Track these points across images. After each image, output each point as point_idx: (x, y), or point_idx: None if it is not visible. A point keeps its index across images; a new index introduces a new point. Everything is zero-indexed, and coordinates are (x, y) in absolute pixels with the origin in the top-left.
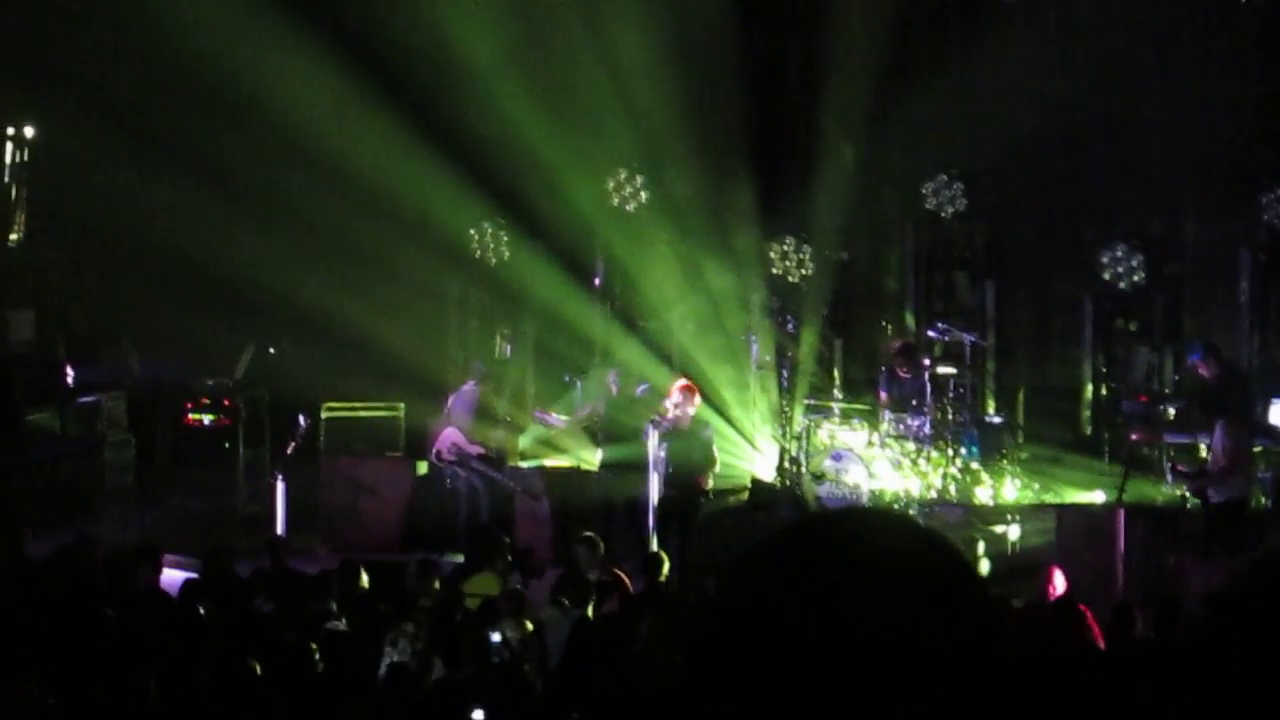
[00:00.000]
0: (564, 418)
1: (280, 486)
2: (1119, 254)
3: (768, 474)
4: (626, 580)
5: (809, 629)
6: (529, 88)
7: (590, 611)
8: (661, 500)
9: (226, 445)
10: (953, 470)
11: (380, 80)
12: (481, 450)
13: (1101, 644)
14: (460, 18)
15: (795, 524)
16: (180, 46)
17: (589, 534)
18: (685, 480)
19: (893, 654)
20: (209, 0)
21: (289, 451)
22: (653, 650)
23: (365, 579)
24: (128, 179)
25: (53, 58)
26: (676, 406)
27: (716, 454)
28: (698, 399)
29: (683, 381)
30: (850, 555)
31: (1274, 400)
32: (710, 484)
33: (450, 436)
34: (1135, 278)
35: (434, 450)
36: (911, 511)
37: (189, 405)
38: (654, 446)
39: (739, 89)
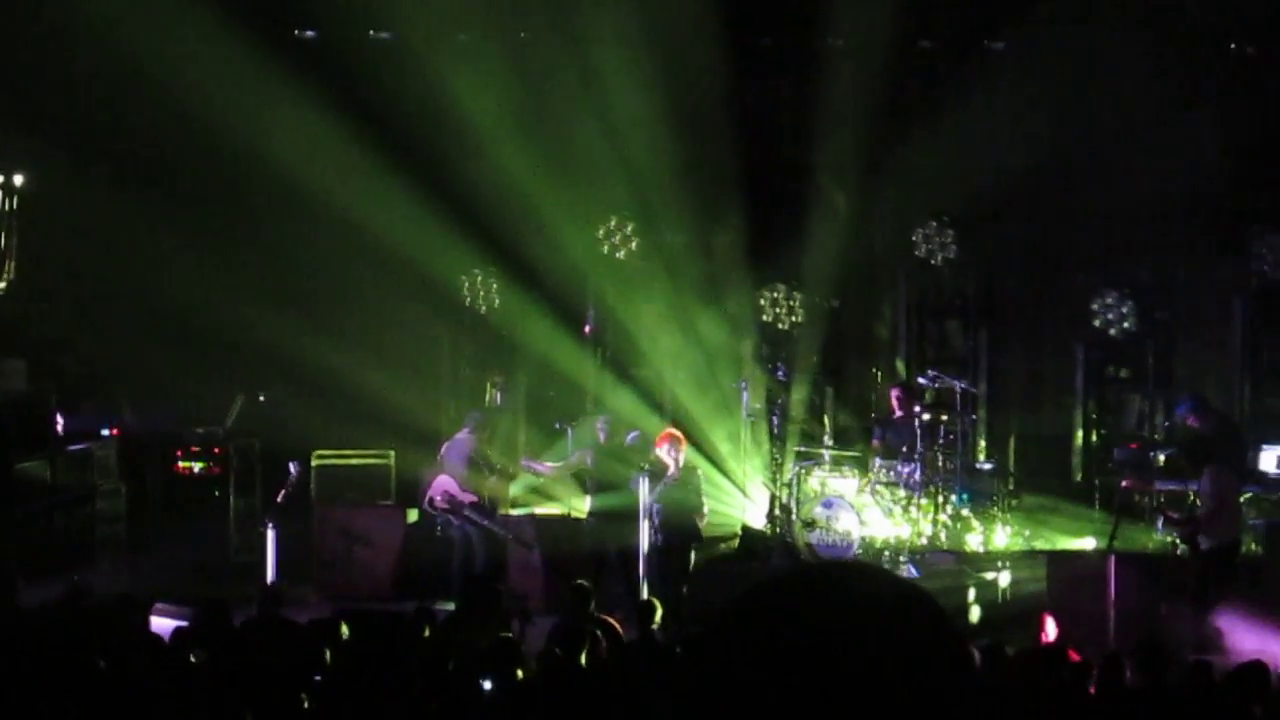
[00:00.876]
0: (551, 465)
1: (271, 535)
2: (1110, 301)
3: (759, 521)
4: (619, 628)
5: (793, 676)
6: (520, 136)
7: (583, 659)
8: (655, 548)
9: (217, 494)
10: (944, 517)
11: (372, 129)
12: (474, 499)
13: (1092, 691)
14: (454, 70)
15: (778, 577)
16: (172, 96)
17: (580, 582)
18: (679, 527)
19: (874, 699)
20: (201, 51)
21: (280, 500)
22: (645, 698)
23: (345, 630)
24: (118, 227)
25: (44, 105)
26: (669, 456)
27: (705, 499)
28: (685, 445)
29: (667, 430)
30: (832, 607)
31: (1264, 447)
32: (703, 527)
33: (443, 484)
34: (1126, 325)
35: (426, 498)
36: (902, 559)
37: (180, 454)
38: (644, 495)
39: (730, 136)
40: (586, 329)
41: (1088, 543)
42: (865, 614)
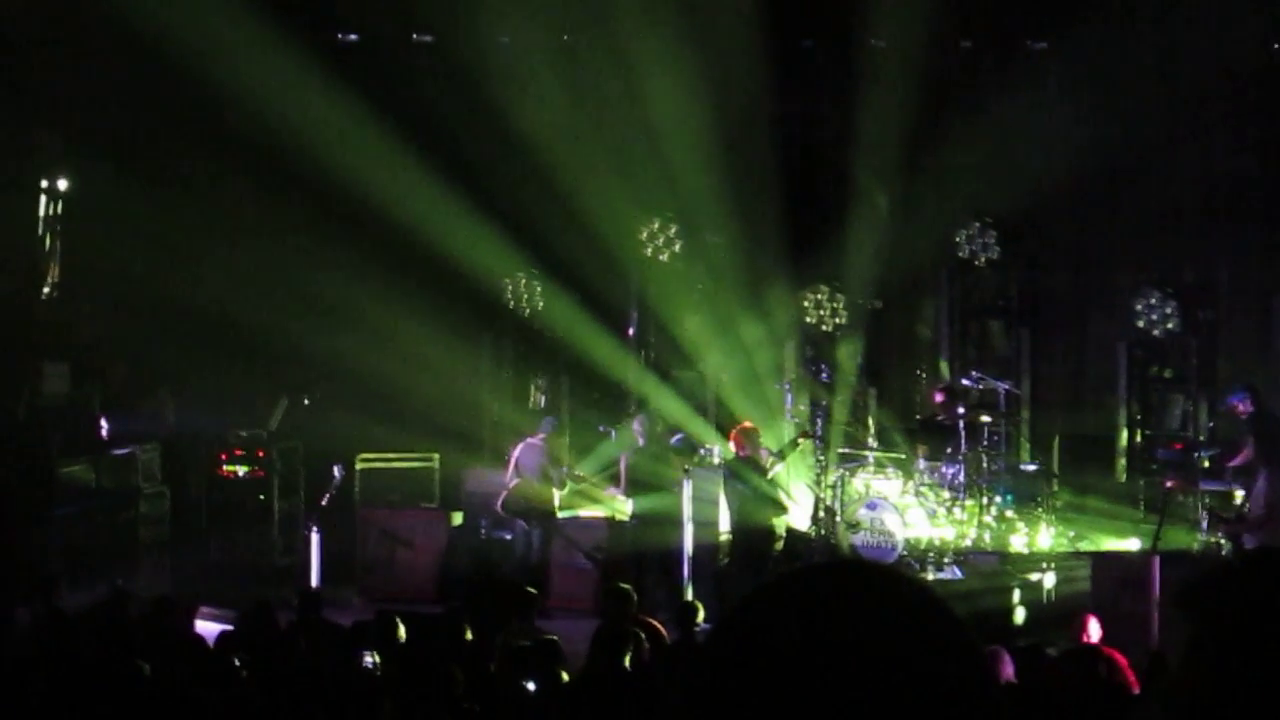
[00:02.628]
0: (583, 474)
1: (315, 538)
2: (1153, 301)
3: (803, 524)
4: (662, 630)
5: (794, 676)
6: (562, 138)
7: (626, 662)
8: (742, 536)
9: (261, 497)
10: (987, 518)
11: (415, 133)
12: (550, 507)
13: (1136, 690)
14: (496, 72)
15: (784, 576)
16: (215, 100)
17: (623, 585)
18: (761, 520)
19: (880, 701)
20: (244, 55)
21: (323, 503)
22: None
23: (402, 631)
24: (162, 231)
25: (87, 110)
26: (748, 450)
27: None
28: (759, 438)
29: (739, 427)
30: (837, 605)
31: None
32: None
33: (520, 488)
34: (1169, 325)
35: (500, 500)
36: (946, 560)
37: (223, 457)
38: (687, 497)
39: (772, 138)
40: (629, 331)
41: (1132, 543)
42: (868, 613)
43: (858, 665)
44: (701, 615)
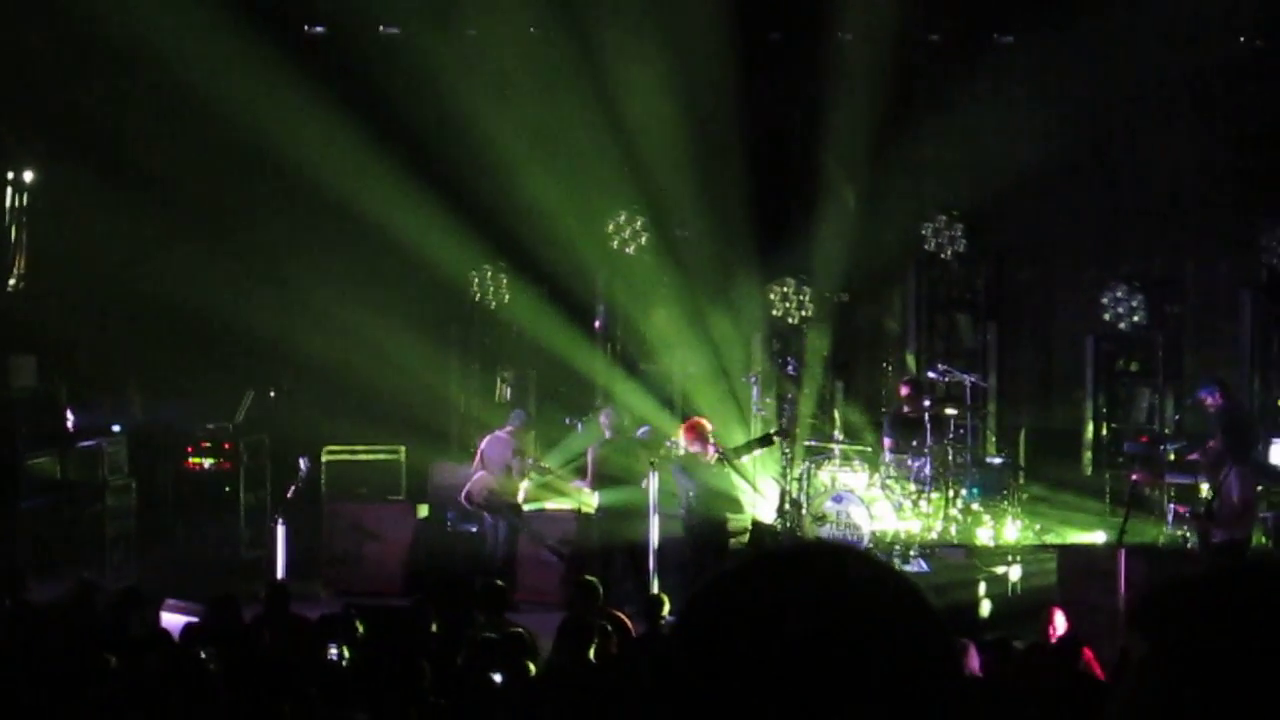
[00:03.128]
0: (550, 465)
1: (281, 530)
2: (1120, 294)
3: (769, 516)
4: (629, 623)
5: (760, 658)
6: (529, 131)
7: (591, 654)
8: (692, 535)
9: (227, 489)
10: (954, 511)
11: (381, 125)
12: (516, 501)
13: (1104, 683)
14: (463, 65)
15: (752, 558)
16: (179, 92)
17: (588, 577)
18: (715, 519)
19: (846, 684)
20: (209, 47)
21: (290, 495)
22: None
23: (360, 626)
24: (128, 223)
25: (52, 101)
26: (696, 446)
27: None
28: (711, 432)
29: (693, 419)
30: (806, 586)
31: (1275, 440)
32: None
33: (484, 481)
34: (1136, 318)
35: (465, 492)
36: (912, 553)
37: (190, 449)
38: (653, 490)
39: (739, 130)
40: (596, 324)
41: (1098, 536)
42: (836, 597)
43: (825, 647)
44: (667, 608)
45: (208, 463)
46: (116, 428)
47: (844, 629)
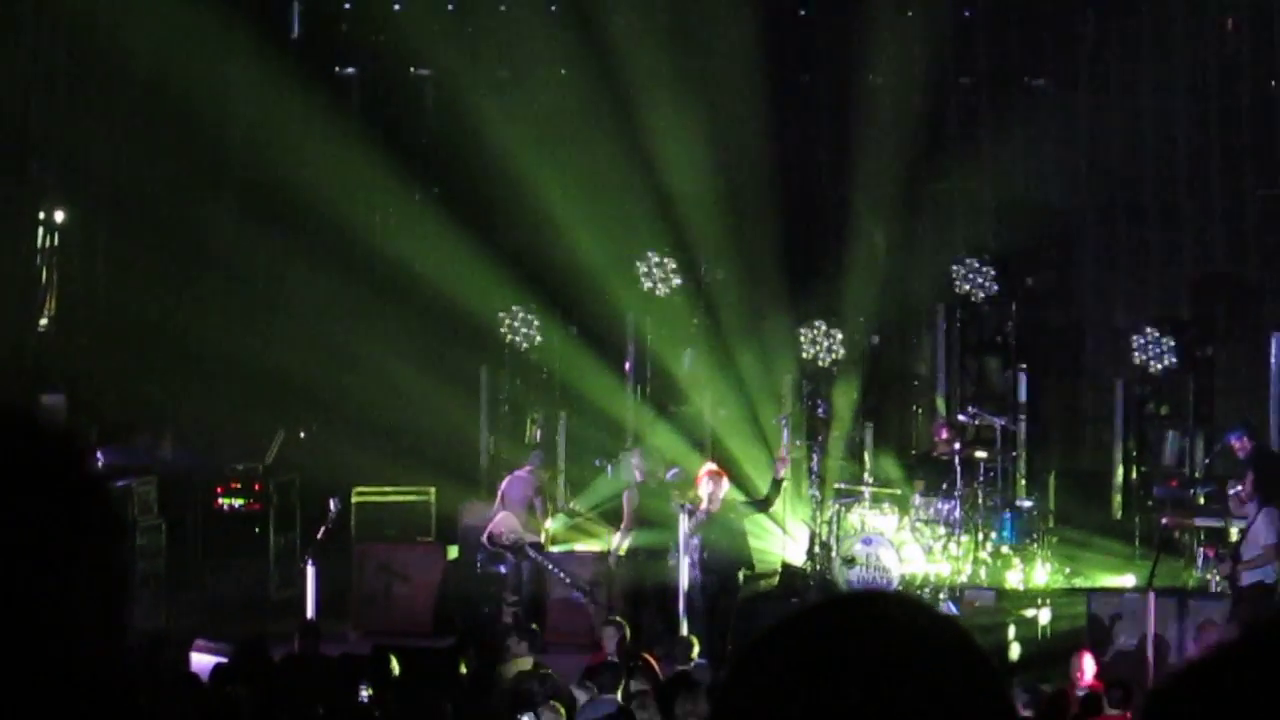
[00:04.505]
0: (580, 507)
1: (311, 571)
2: (1150, 338)
3: (799, 558)
4: (655, 664)
5: (819, 712)
6: (560, 173)
7: (620, 695)
8: (699, 585)
9: (257, 530)
10: (983, 554)
11: (413, 167)
12: (537, 538)
13: None
14: (494, 106)
15: (804, 608)
16: (212, 133)
17: (616, 618)
18: (722, 565)
19: None
20: (242, 88)
21: (320, 536)
22: None
23: (396, 665)
24: (158, 264)
25: (84, 143)
26: (705, 491)
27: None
28: (726, 482)
29: (710, 466)
30: (863, 637)
31: None
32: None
33: (506, 521)
34: (1166, 361)
35: (486, 533)
36: (941, 596)
37: (219, 490)
38: (684, 531)
39: (770, 173)
40: (626, 366)
41: (1128, 580)
42: (898, 645)
43: (882, 698)
44: (697, 650)
45: (238, 503)
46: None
47: (901, 679)
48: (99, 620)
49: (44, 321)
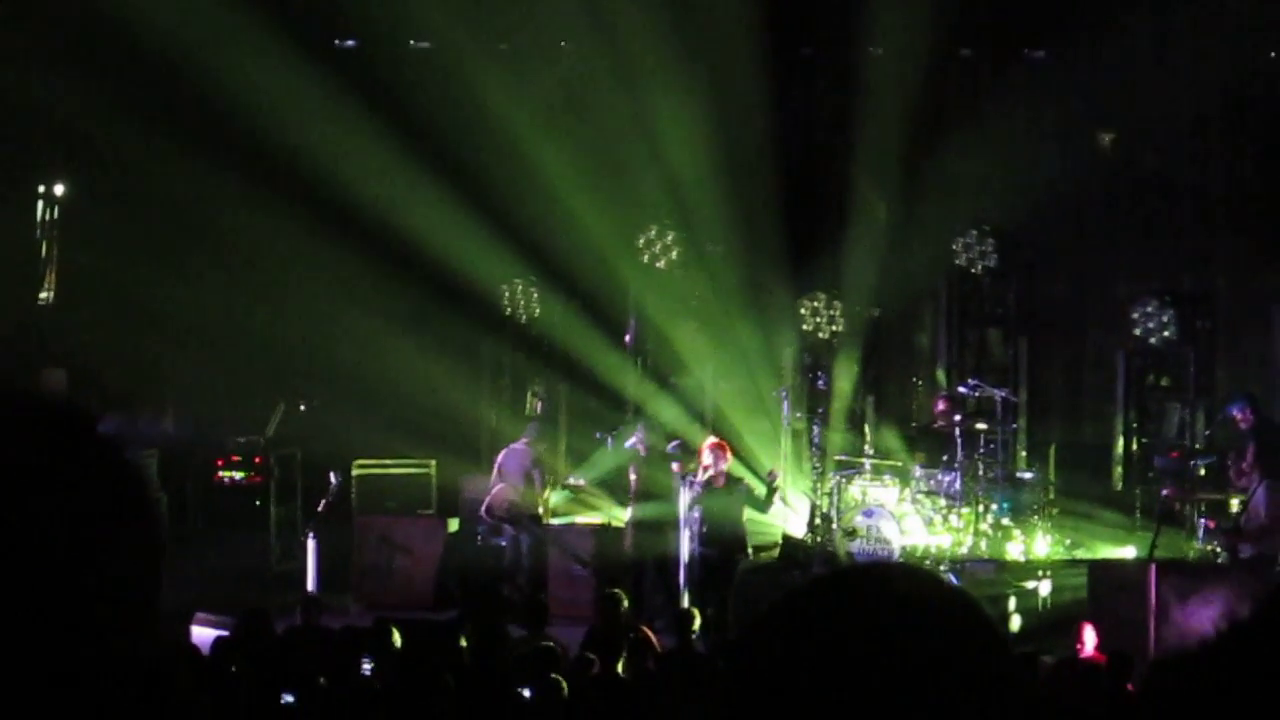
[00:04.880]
0: (583, 479)
1: (312, 544)
2: (1151, 310)
3: (800, 531)
4: (654, 638)
5: (829, 684)
6: (560, 145)
7: (620, 668)
8: (699, 558)
9: (258, 503)
10: (984, 526)
11: (412, 139)
12: (535, 511)
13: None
14: (494, 79)
15: (814, 580)
16: (210, 104)
17: (616, 590)
18: (723, 538)
19: (914, 708)
20: (240, 60)
21: (321, 509)
22: (681, 708)
23: (398, 637)
24: (158, 237)
25: (83, 115)
26: (706, 466)
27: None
28: (729, 456)
29: (713, 439)
30: (872, 609)
31: None
32: (748, 543)
33: (504, 494)
34: (1167, 333)
35: (484, 505)
36: (942, 568)
37: (220, 463)
38: (684, 504)
39: (770, 144)
40: (627, 338)
41: (1128, 551)
42: (907, 615)
43: (889, 670)
44: (698, 623)
45: (238, 476)
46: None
47: (908, 650)
48: (138, 608)
49: (44, 295)
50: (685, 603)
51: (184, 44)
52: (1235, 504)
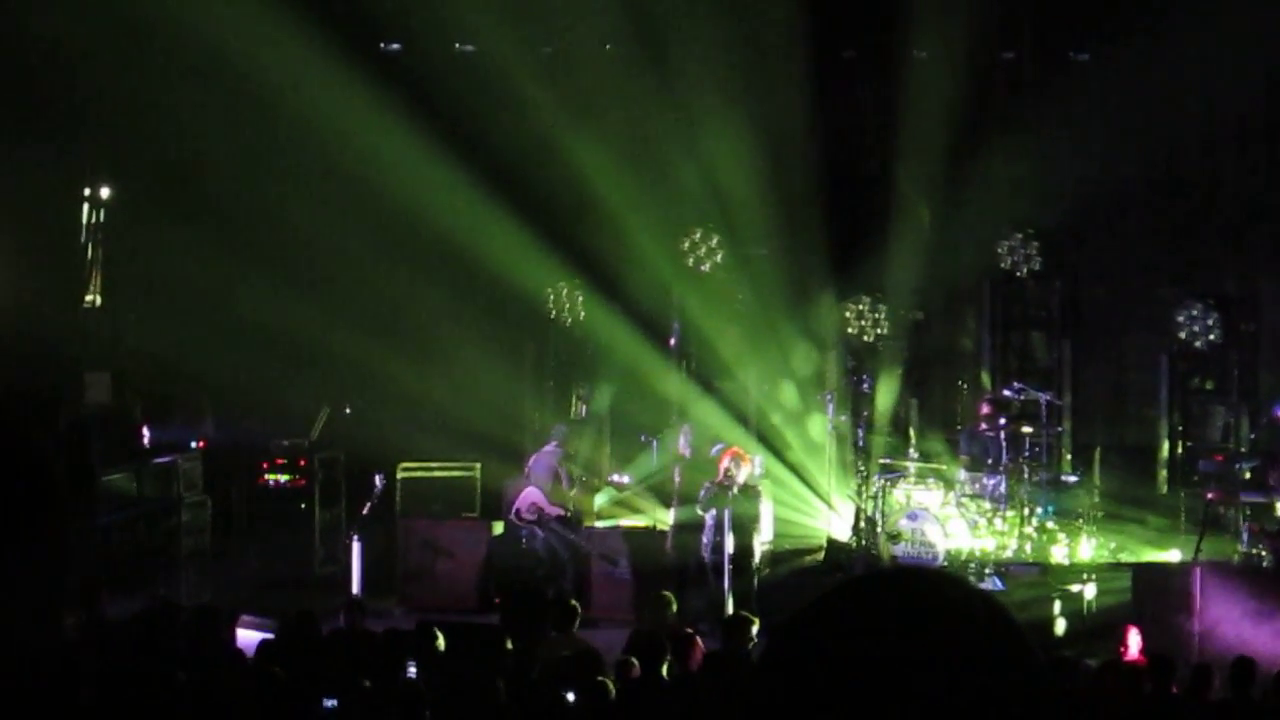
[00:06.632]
0: (629, 478)
1: (356, 547)
2: (1195, 312)
3: (844, 534)
4: (698, 640)
5: (857, 684)
6: (604, 149)
7: (665, 671)
8: (722, 560)
9: (302, 506)
10: (1028, 530)
11: (456, 143)
12: (562, 512)
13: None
14: (537, 79)
15: (844, 583)
16: (256, 107)
17: (665, 592)
18: (739, 544)
19: (941, 709)
20: (286, 63)
21: (365, 512)
22: (726, 711)
23: (441, 640)
24: (202, 240)
25: (129, 117)
26: (724, 471)
27: (762, 525)
28: (749, 466)
29: (733, 448)
30: (899, 613)
31: None
32: (758, 554)
33: (530, 496)
34: (1211, 336)
35: (513, 509)
36: (987, 571)
37: (265, 466)
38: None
39: (814, 148)
40: (671, 341)
41: (1173, 555)
42: (937, 621)
43: (915, 673)
44: (755, 629)
45: (283, 479)
46: (197, 444)
47: (933, 655)
48: (37, 597)
49: (89, 299)
50: (730, 606)
51: (229, 45)
52: (1279, 506)
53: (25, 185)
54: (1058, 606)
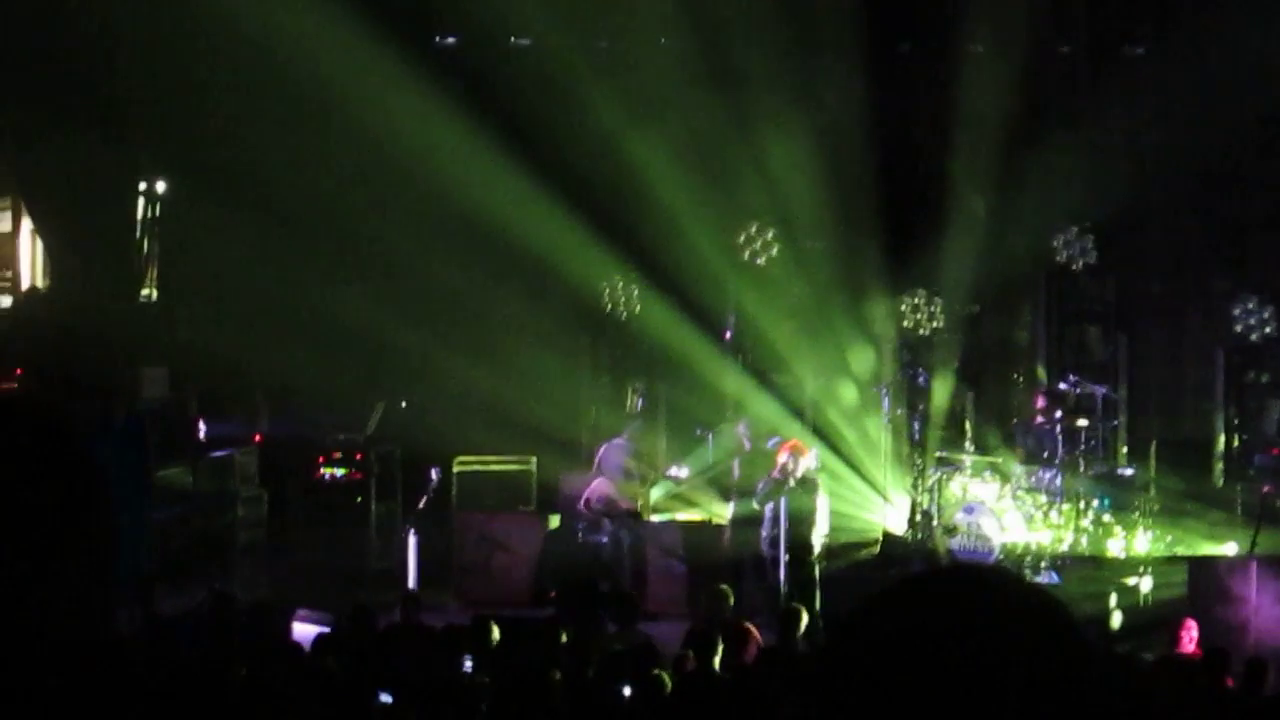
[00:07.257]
0: (686, 471)
1: (412, 541)
2: (1251, 306)
3: (900, 528)
4: (755, 633)
5: (916, 684)
6: (660, 141)
7: (717, 664)
8: (779, 554)
9: (358, 500)
10: (1084, 523)
11: (513, 137)
12: (633, 505)
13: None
14: (592, 76)
15: (903, 580)
16: (312, 102)
17: (723, 586)
18: (797, 537)
19: (1000, 706)
20: (341, 57)
21: (421, 506)
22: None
23: (496, 633)
24: (258, 234)
25: (184, 112)
26: (781, 465)
27: (819, 518)
28: (805, 459)
29: (791, 440)
30: (959, 613)
31: None
32: (817, 546)
33: (601, 488)
34: (1267, 330)
35: (582, 499)
36: (1043, 565)
37: (320, 460)
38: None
39: (869, 141)
40: (726, 335)
41: (1229, 548)
42: (996, 619)
43: (973, 673)
44: (805, 621)
45: (339, 473)
46: (253, 439)
47: (991, 653)
48: (81, 594)
49: (145, 293)
50: (784, 600)
51: (283, 39)
52: None
53: (80, 180)
54: (1114, 600)
